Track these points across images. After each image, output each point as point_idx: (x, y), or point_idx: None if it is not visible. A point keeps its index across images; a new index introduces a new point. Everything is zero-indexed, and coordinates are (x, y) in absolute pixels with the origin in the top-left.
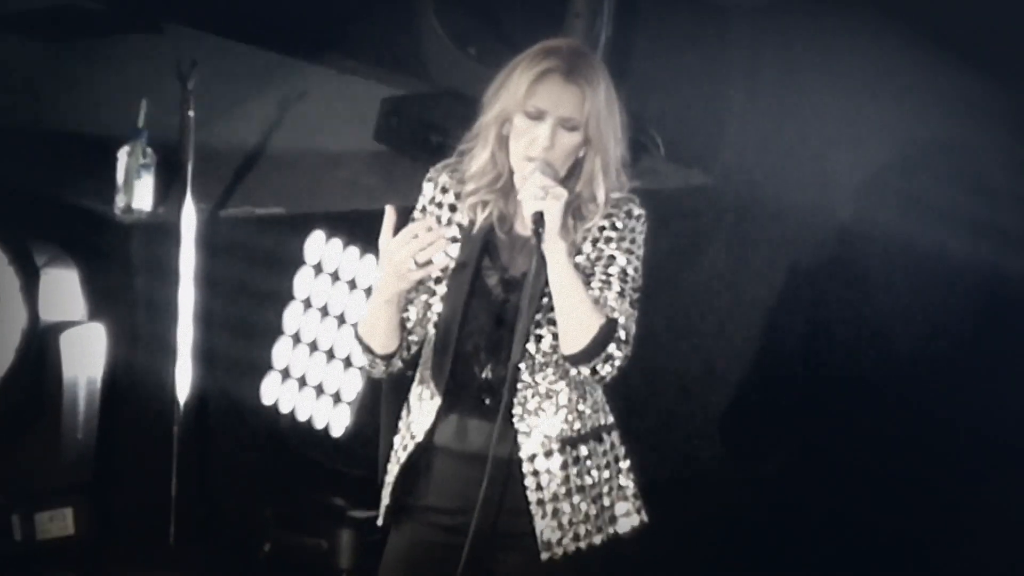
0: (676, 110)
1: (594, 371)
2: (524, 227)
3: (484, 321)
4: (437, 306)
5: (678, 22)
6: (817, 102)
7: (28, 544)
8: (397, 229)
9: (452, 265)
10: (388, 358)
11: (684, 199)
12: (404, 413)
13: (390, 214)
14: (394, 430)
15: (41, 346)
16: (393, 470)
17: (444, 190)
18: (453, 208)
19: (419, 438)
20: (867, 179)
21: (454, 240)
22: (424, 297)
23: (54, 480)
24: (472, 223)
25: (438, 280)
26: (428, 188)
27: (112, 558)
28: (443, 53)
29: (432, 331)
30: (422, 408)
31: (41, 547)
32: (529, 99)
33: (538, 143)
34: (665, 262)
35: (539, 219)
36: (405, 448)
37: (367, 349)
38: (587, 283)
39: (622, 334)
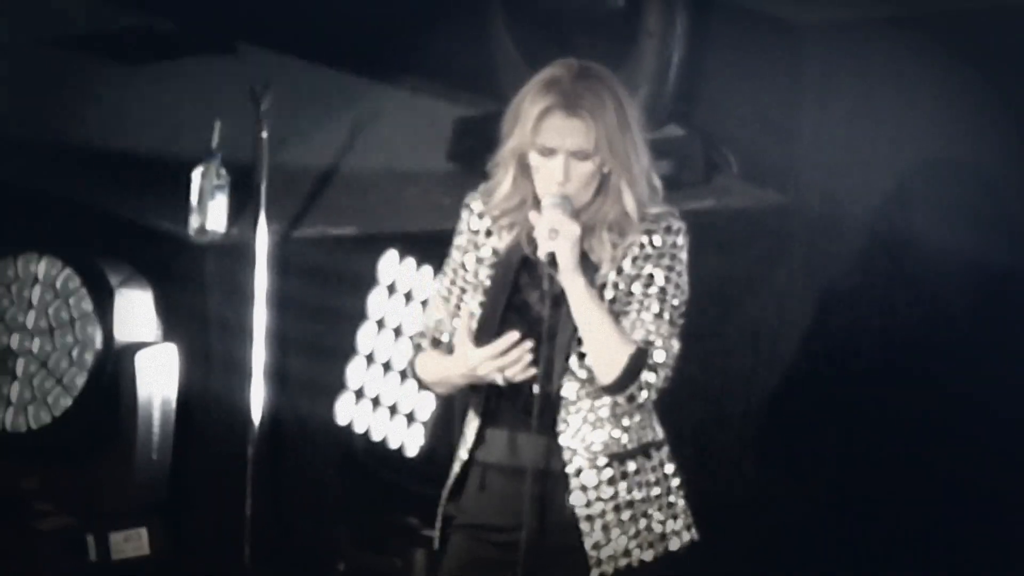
0: (749, 129)
1: (631, 398)
2: None
3: (528, 338)
4: (475, 327)
5: (751, 40)
6: (891, 121)
7: (103, 565)
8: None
9: (488, 286)
10: None
11: (757, 218)
12: (460, 439)
13: (466, 315)
14: None
15: (115, 367)
16: (444, 494)
17: (480, 216)
18: (489, 233)
19: (464, 458)
20: (942, 198)
21: (491, 267)
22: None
23: (129, 500)
24: (505, 246)
25: (480, 303)
26: (465, 215)
27: None
28: (515, 72)
29: None
30: (468, 428)
31: (116, 568)
32: (536, 137)
33: (553, 179)
34: (738, 281)
35: (552, 260)
36: (453, 470)
37: (419, 383)
38: (626, 302)
39: (658, 357)
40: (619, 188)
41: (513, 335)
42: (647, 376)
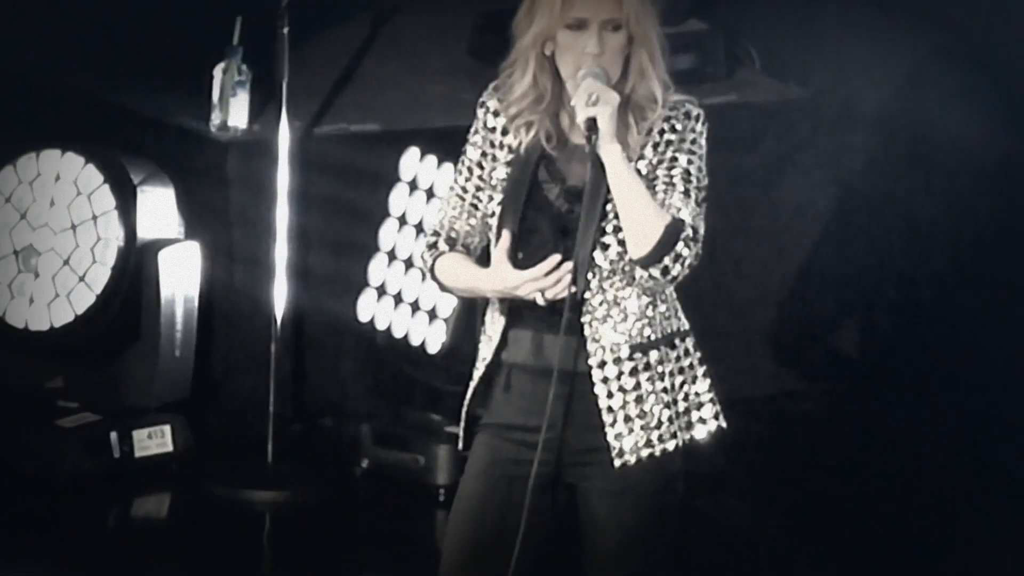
0: (771, 23)
1: (665, 271)
2: (580, 137)
3: (548, 234)
4: (495, 226)
5: None
6: (913, 13)
7: (127, 461)
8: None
9: (506, 184)
10: None
11: (780, 112)
12: (481, 339)
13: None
14: None
15: (138, 264)
16: (468, 396)
17: (495, 114)
18: (505, 131)
19: (488, 358)
20: (962, 89)
21: (507, 164)
22: (480, 215)
23: (152, 397)
24: (521, 144)
25: (498, 202)
26: (480, 113)
27: (210, 475)
28: None
29: (494, 251)
30: (493, 328)
31: (140, 464)
32: (567, 11)
33: (588, 51)
34: (760, 175)
35: (592, 125)
36: (477, 371)
37: (439, 285)
38: (651, 187)
39: (690, 232)
40: (642, 67)
41: (555, 258)
42: (680, 248)
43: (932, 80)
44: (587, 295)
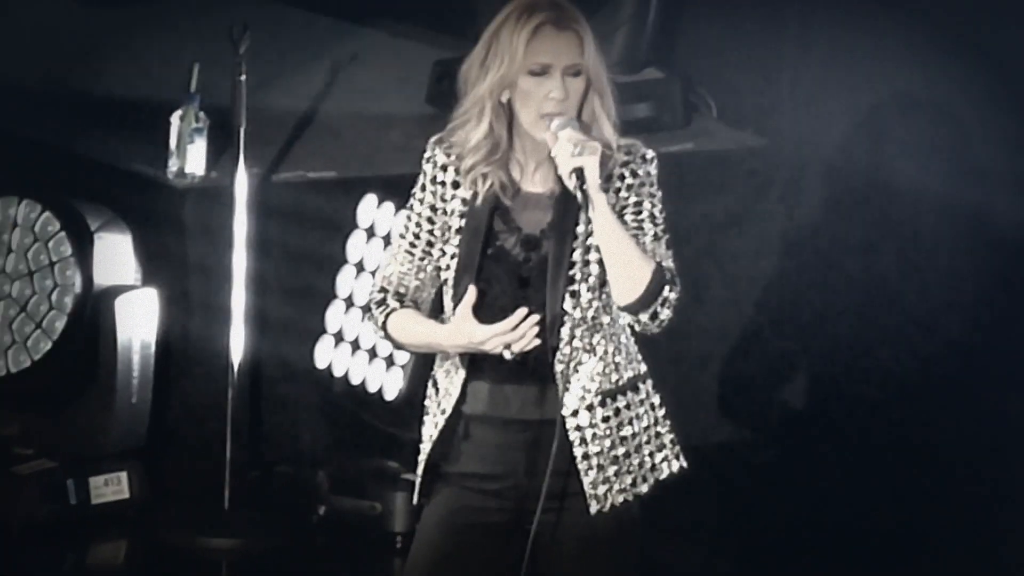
0: (729, 71)
1: (654, 316)
2: (533, 185)
3: (507, 285)
4: (452, 279)
5: None
6: (869, 63)
7: (83, 508)
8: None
9: (461, 237)
10: None
11: (737, 160)
12: (431, 392)
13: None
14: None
15: (95, 310)
16: (427, 445)
17: (444, 168)
18: (456, 184)
19: (448, 412)
20: (919, 139)
21: (461, 216)
22: (431, 270)
23: (108, 444)
24: (475, 195)
25: (452, 256)
26: (428, 168)
27: (167, 522)
28: (494, 14)
29: (449, 305)
30: (450, 382)
31: (96, 511)
32: (530, 57)
33: (553, 96)
34: (718, 223)
35: (580, 174)
36: (436, 424)
37: (392, 342)
38: None
39: (669, 275)
40: (595, 112)
41: (521, 311)
42: (667, 292)
43: (890, 127)
44: (559, 343)
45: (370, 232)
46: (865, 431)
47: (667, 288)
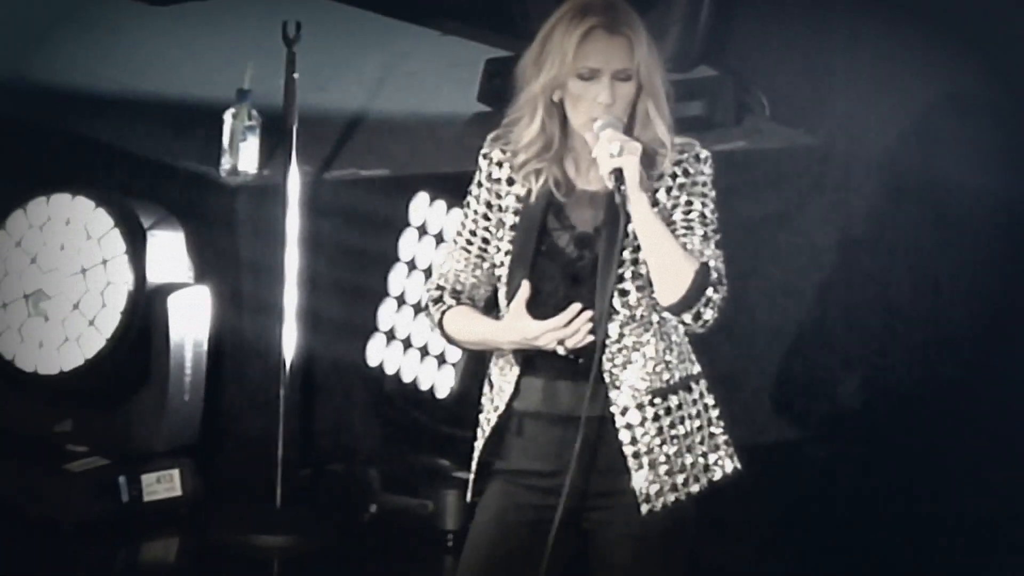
0: (781, 70)
1: (697, 316)
2: (588, 183)
3: (560, 282)
4: (506, 275)
5: None
6: (921, 61)
7: (135, 505)
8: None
9: (514, 234)
10: None
11: (789, 159)
12: (486, 389)
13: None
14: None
15: (148, 308)
16: (480, 442)
17: (499, 164)
18: (511, 181)
19: (501, 408)
20: (972, 137)
21: (515, 213)
22: (487, 267)
23: (161, 442)
24: (529, 192)
25: (506, 252)
26: (484, 164)
27: (219, 520)
28: (546, 12)
29: (504, 302)
30: (503, 379)
31: (148, 508)
32: (579, 61)
33: (600, 101)
34: (769, 222)
35: (619, 175)
36: (489, 420)
37: (448, 339)
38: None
39: (716, 275)
40: (647, 115)
41: (575, 307)
42: (710, 293)
43: (942, 126)
44: (607, 342)
45: (422, 230)
46: (921, 431)
47: (711, 288)
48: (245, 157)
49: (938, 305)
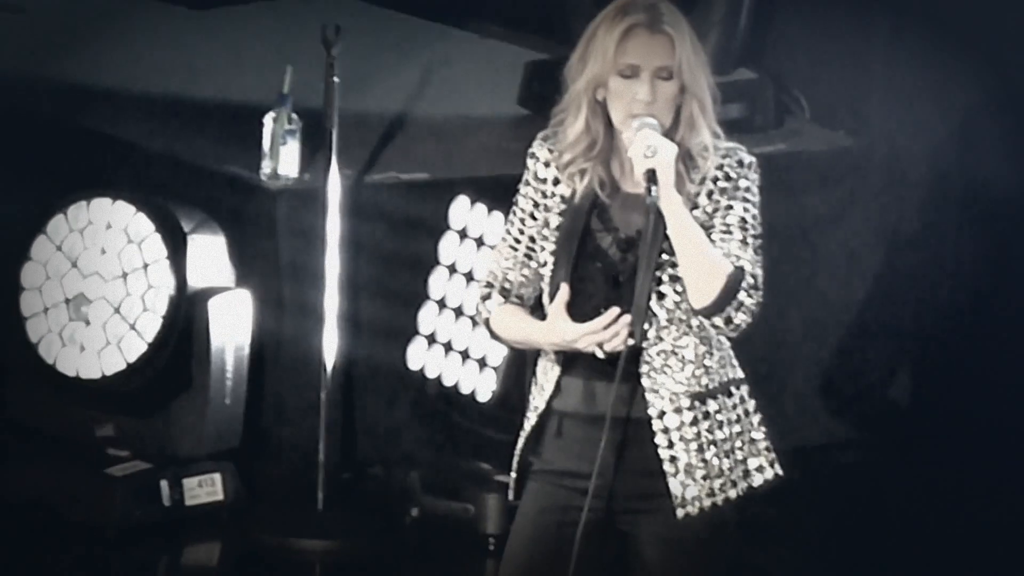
0: (821, 72)
1: (728, 320)
2: (633, 185)
3: (601, 283)
4: (549, 275)
5: None
6: (961, 63)
7: (177, 509)
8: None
9: (559, 234)
10: None
11: (829, 161)
12: (533, 389)
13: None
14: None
15: (189, 312)
16: (520, 441)
17: (546, 164)
18: (556, 181)
19: (541, 408)
20: (1012, 140)
21: (560, 213)
22: (534, 266)
23: (202, 446)
24: (574, 193)
25: (551, 252)
26: (531, 164)
27: (260, 523)
28: (585, 15)
29: (547, 301)
30: (545, 378)
31: (190, 512)
32: (620, 58)
33: (639, 99)
34: (811, 223)
35: (652, 176)
36: (529, 420)
37: (496, 338)
38: (708, 236)
39: (751, 280)
40: (692, 117)
41: (614, 311)
42: (743, 297)
43: (985, 129)
44: (644, 344)
45: (463, 234)
46: (966, 436)
47: (743, 293)
48: (286, 161)
49: (981, 308)
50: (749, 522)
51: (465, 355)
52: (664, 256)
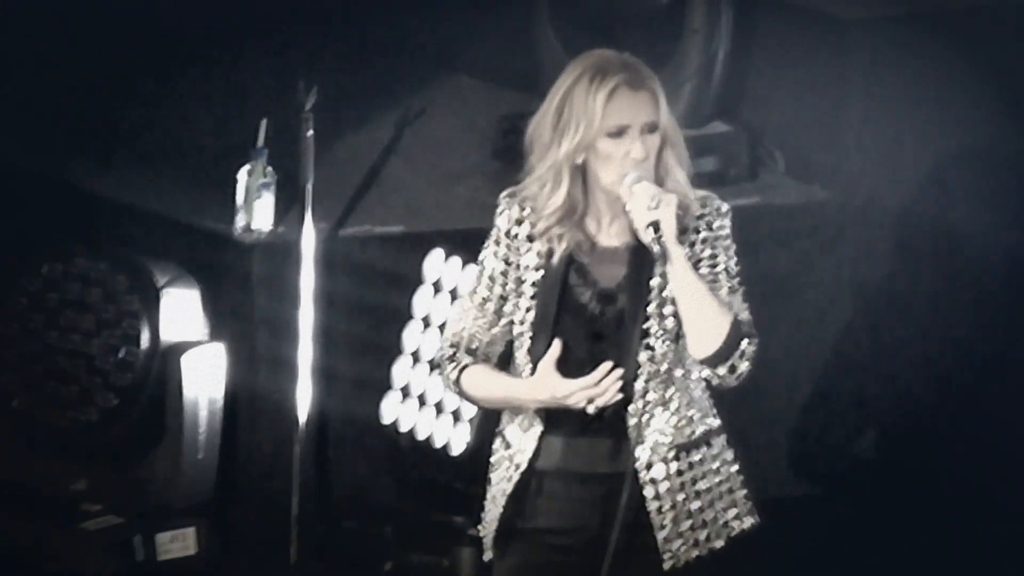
0: (795, 125)
1: (732, 369)
2: (610, 239)
3: (582, 339)
4: (528, 333)
5: (795, 36)
6: (936, 115)
7: (150, 564)
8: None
9: (537, 291)
10: None
11: (804, 214)
12: (500, 447)
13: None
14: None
15: (162, 366)
16: (499, 501)
17: (518, 222)
18: (531, 238)
19: (523, 467)
20: (988, 193)
21: (536, 269)
22: (504, 323)
23: (176, 500)
24: (552, 251)
25: (527, 309)
26: (502, 221)
27: None
28: (560, 69)
29: (524, 359)
30: (524, 437)
31: (163, 567)
32: (608, 120)
33: (633, 156)
34: (785, 278)
35: (656, 227)
36: (510, 479)
37: (465, 397)
38: None
39: (747, 327)
40: (669, 166)
41: (605, 365)
42: (745, 344)
43: (959, 180)
44: (632, 397)
45: (437, 287)
46: (939, 487)
47: (745, 340)
48: (260, 214)
49: (956, 361)
50: (729, 571)
51: (439, 408)
52: (650, 308)
